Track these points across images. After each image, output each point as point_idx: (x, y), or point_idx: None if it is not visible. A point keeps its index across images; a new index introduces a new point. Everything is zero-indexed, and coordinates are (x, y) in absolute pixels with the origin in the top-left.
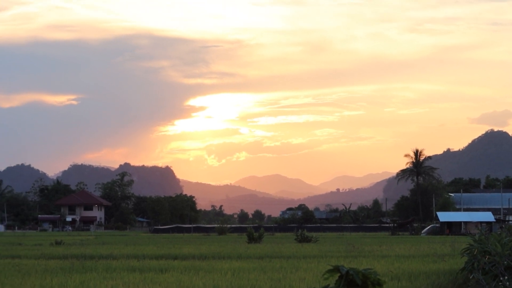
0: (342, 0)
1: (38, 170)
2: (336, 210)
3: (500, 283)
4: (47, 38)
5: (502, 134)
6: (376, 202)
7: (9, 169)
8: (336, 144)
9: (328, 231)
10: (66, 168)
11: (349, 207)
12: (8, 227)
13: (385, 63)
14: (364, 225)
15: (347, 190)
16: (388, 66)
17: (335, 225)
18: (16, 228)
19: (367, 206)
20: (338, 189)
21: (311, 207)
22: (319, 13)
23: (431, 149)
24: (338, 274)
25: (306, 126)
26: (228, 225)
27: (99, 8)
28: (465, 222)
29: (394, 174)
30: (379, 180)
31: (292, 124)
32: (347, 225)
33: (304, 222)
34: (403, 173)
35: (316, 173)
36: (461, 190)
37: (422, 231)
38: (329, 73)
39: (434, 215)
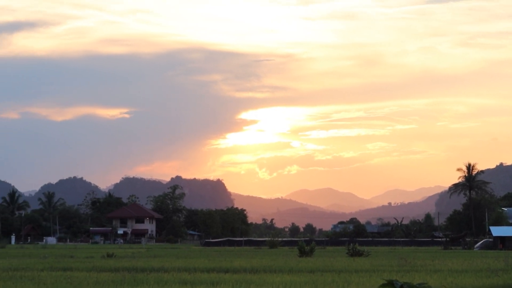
0: (394, 15)
1: (90, 183)
2: (387, 224)
3: None
4: (101, 52)
5: None
6: (428, 216)
7: (61, 181)
8: (388, 158)
9: (380, 245)
10: (118, 181)
11: (401, 221)
12: (60, 239)
13: (437, 77)
14: (416, 239)
15: (399, 204)
16: (440, 80)
17: (386, 239)
18: (68, 240)
19: (419, 220)
20: (389, 203)
21: (362, 221)
22: (371, 27)
23: (483, 163)
24: None
25: (358, 140)
26: (279, 239)
27: (152, 22)
28: None
29: (447, 188)
30: (431, 194)
31: (344, 137)
32: (399, 239)
33: (356, 236)
34: (456, 187)
35: (367, 187)
36: None
37: (475, 246)
38: (381, 87)
39: (487, 230)
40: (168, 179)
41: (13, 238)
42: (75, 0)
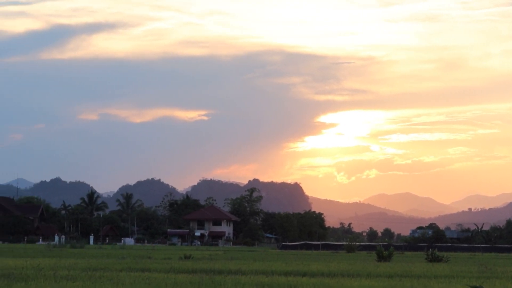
0: (478, 17)
1: (167, 185)
2: (467, 230)
3: None
4: (179, 54)
5: None
6: (509, 223)
7: (139, 183)
8: (469, 162)
9: (459, 251)
10: (195, 183)
11: (481, 227)
12: (137, 240)
13: None
14: (497, 245)
15: (479, 209)
16: None
17: (466, 245)
18: (146, 241)
19: (500, 226)
20: (470, 209)
21: (441, 226)
22: (454, 30)
23: None
24: None
25: (439, 144)
26: (357, 243)
27: (231, 24)
28: None
29: None
30: None
31: (424, 142)
32: (479, 245)
33: (435, 241)
34: None
35: (447, 192)
36: None
37: None
38: (463, 91)
39: None
40: (245, 181)
41: (91, 238)
42: (154, 2)
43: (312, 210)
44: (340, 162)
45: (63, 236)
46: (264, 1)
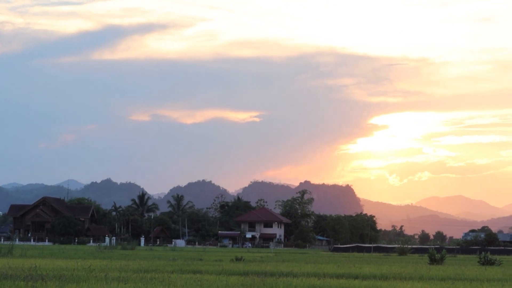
0: None
1: (218, 186)
2: None
3: None
4: (231, 55)
5: None
6: None
7: (190, 184)
8: None
9: None
10: (246, 185)
11: None
12: (188, 242)
13: None
14: None
15: None
16: None
17: None
18: (197, 243)
19: None
20: None
21: (494, 229)
22: (509, 31)
23: None
24: None
25: (492, 147)
26: (409, 246)
27: (283, 25)
28: None
29: None
30: None
31: (477, 144)
32: None
33: (487, 244)
34: None
35: (500, 195)
36: None
37: None
38: None
39: None
40: (296, 183)
41: (142, 240)
42: (206, 2)
43: (364, 212)
44: (392, 164)
45: (114, 238)
46: (316, 2)
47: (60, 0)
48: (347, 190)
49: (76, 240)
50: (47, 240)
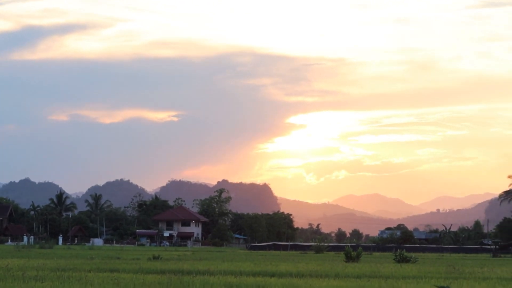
0: (450, 19)
1: (136, 186)
2: (436, 231)
3: None
4: (150, 55)
5: None
6: (477, 224)
7: (108, 184)
8: (437, 164)
9: (427, 251)
10: (164, 184)
11: (449, 228)
12: (106, 241)
13: (492, 83)
14: (464, 246)
15: (447, 210)
16: (495, 85)
17: (434, 246)
18: (114, 242)
19: (468, 227)
20: (438, 210)
21: (410, 227)
22: (425, 32)
23: None
24: None
25: (408, 146)
26: (326, 244)
27: (201, 25)
28: None
29: (497, 195)
30: (481, 201)
31: (394, 143)
32: (447, 246)
33: (403, 242)
34: (506, 194)
35: (416, 193)
36: None
37: None
38: (433, 92)
39: None
40: (214, 182)
41: (60, 239)
42: (125, 3)
43: (281, 211)
44: (309, 163)
45: (32, 237)
46: (234, 2)
47: None
48: (265, 189)
49: None
50: None
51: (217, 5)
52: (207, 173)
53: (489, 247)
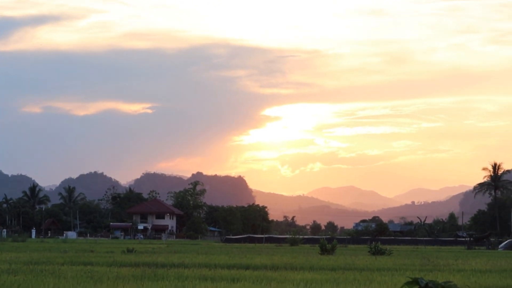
0: (424, 11)
1: (110, 178)
2: (410, 223)
3: None
4: (124, 47)
5: None
6: (452, 216)
7: (82, 176)
8: (412, 156)
9: (403, 244)
10: (138, 177)
11: (424, 220)
12: (80, 234)
13: (466, 75)
14: (439, 238)
15: (422, 203)
16: (469, 77)
17: (409, 238)
18: (88, 235)
19: (442, 219)
20: (413, 202)
21: (385, 219)
22: (400, 24)
23: (510, 163)
24: (417, 287)
25: (383, 138)
26: (301, 236)
27: (176, 17)
28: None
29: (471, 188)
30: (455, 193)
31: (369, 135)
32: (422, 238)
33: (378, 234)
34: (481, 186)
35: (391, 185)
36: None
37: (499, 246)
38: (408, 84)
39: None
40: (189, 175)
41: (33, 232)
42: None
43: (256, 203)
44: (284, 155)
45: (5, 230)
46: None
47: None
48: (240, 181)
49: None
50: None
51: None
52: (182, 165)
53: (463, 239)
